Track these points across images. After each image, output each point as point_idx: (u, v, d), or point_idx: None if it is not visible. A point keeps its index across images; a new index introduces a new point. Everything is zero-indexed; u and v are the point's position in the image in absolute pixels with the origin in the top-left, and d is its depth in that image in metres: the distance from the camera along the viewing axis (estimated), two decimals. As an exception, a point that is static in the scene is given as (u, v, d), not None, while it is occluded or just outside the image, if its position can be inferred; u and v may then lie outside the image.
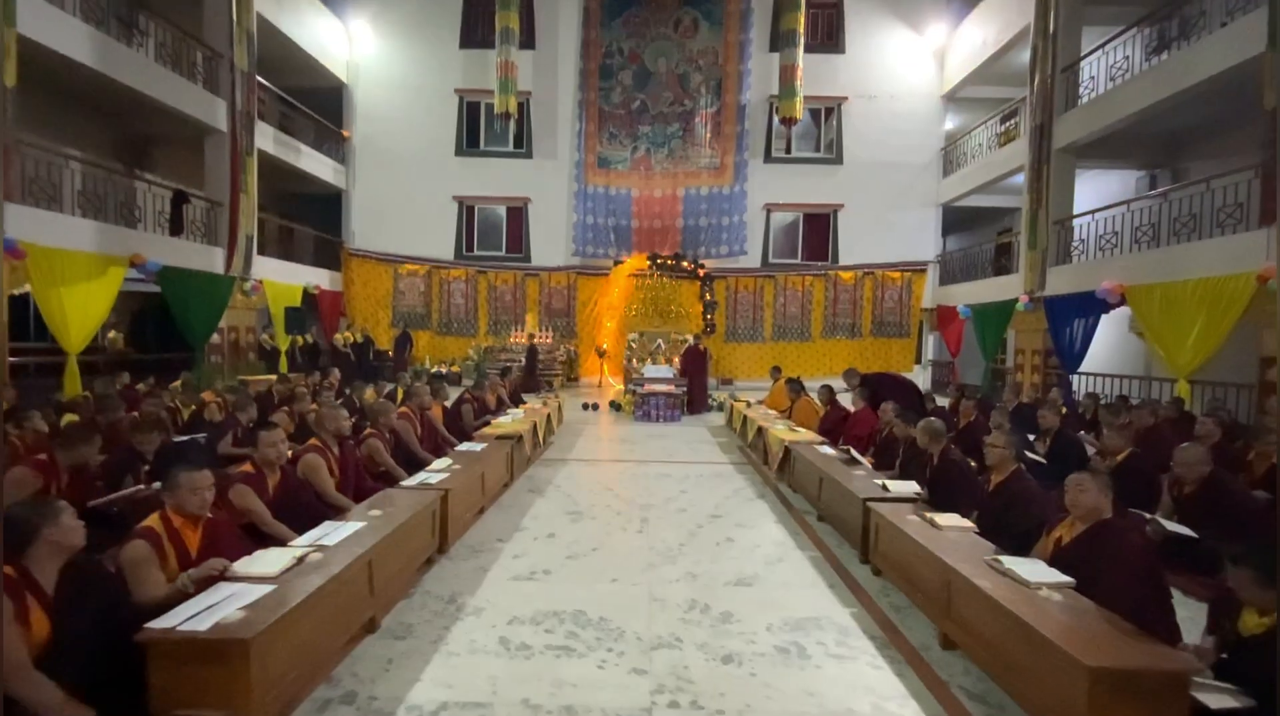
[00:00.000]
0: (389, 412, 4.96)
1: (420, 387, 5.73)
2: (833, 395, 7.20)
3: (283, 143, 13.52)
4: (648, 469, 6.98)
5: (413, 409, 5.69)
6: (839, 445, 6.31)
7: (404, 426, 5.46)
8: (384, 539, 3.34)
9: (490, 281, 15.61)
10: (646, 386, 10.82)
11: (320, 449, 4.07)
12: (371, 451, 4.77)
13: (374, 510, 3.71)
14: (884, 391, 6.74)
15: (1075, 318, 10.79)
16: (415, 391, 5.70)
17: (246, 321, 12.49)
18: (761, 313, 15.48)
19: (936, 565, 3.23)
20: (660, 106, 15.22)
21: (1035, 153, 11.79)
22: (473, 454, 5.54)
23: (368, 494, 4.22)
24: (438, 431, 6.05)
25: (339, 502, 3.95)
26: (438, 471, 4.78)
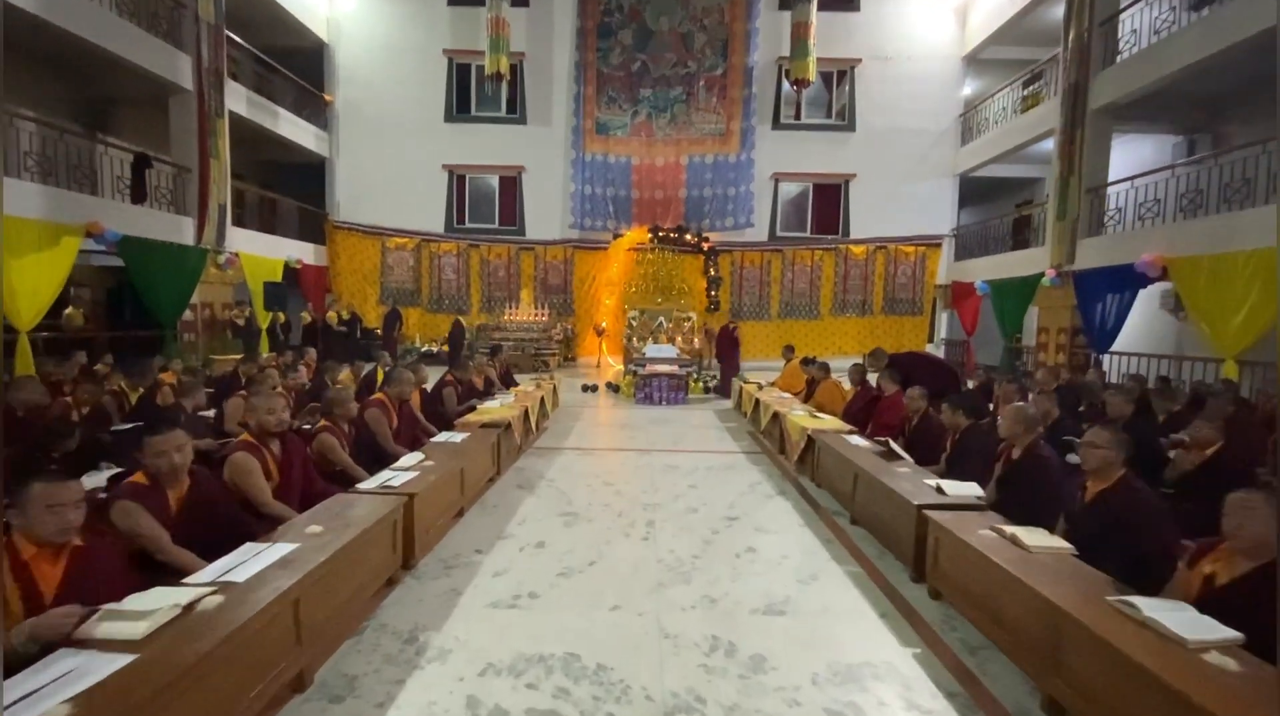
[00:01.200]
0: (347, 403, 4.15)
1: (403, 374, 4.90)
2: (864, 375, 6.40)
3: (257, 105, 12.50)
4: (652, 459, 6.21)
5: (390, 398, 4.87)
6: (869, 434, 5.54)
7: (376, 417, 4.65)
8: (320, 566, 2.56)
9: (483, 255, 14.70)
10: (648, 367, 10.02)
11: (253, 446, 3.27)
12: (324, 448, 3.97)
13: (314, 526, 2.92)
14: (916, 374, 5.93)
15: (1108, 293, 9.97)
16: (397, 378, 4.88)
17: (222, 297, 11.62)
18: (768, 289, 14.61)
19: (1034, 603, 2.46)
20: (662, 68, 14.17)
21: (1068, 114, 10.82)
22: (451, 446, 4.75)
23: (319, 499, 3.44)
24: (417, 422, 5.25)
25: (275, 513, 3.17)
26: (405, 469, 3.99)
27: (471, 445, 4.86)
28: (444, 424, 5.64)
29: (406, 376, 4.90)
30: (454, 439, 4.96)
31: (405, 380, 4.87)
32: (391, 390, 4.85)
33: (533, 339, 13.55)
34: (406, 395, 4.88)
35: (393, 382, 4.88)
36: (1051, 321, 11.33)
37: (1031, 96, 13.44)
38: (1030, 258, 11.93)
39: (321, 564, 2.58)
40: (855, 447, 4.89)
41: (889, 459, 4.53)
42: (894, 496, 3.79)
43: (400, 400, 4.88)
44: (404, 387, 4.85)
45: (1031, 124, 12.26)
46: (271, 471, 3.31)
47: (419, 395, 5.69)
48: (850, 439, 5.18)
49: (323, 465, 3.99)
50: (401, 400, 4.89)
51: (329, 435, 4.00)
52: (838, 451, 4.84)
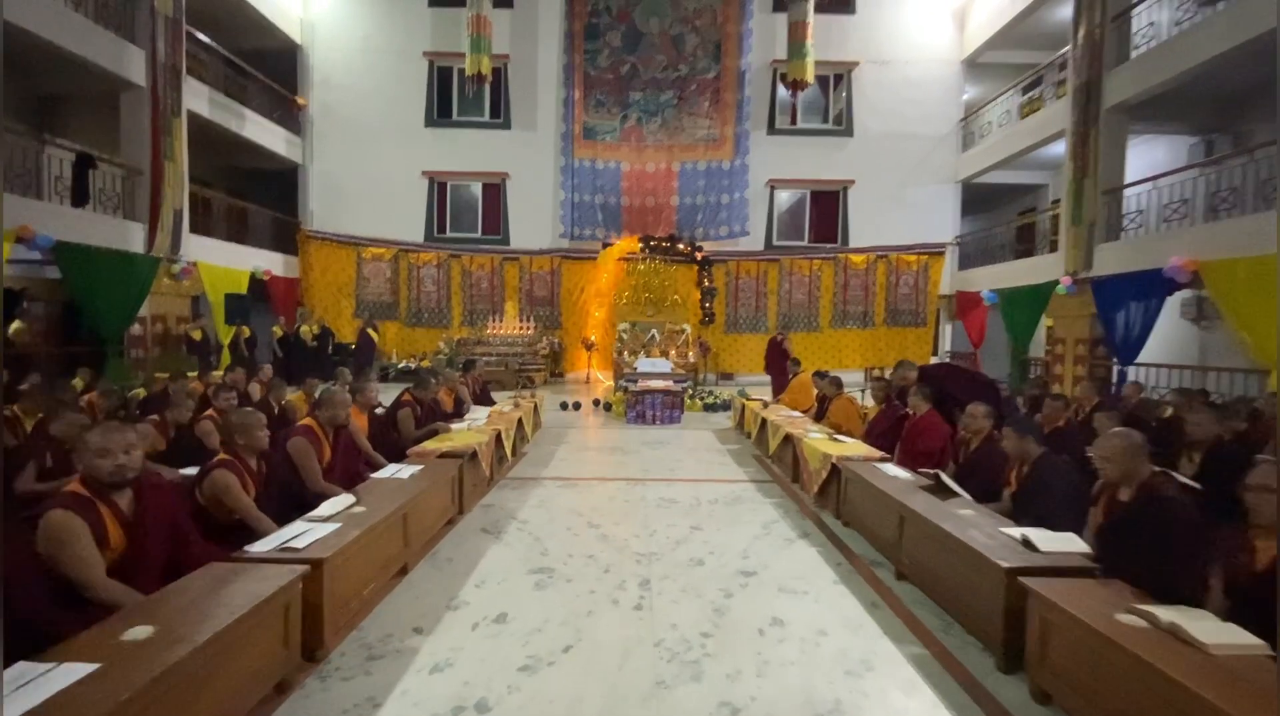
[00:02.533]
0: (252, 430, 3.14)
1: (335, 395, 3.88)
2: (890, 392, 5.48)
3: (221, 106, 11.55)
4: (645, 491, 5.22)
5: (321, 424, 3.87)
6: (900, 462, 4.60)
7: (301, 448, 3.65)
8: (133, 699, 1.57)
9: (465, 266, 13.74)
10: (640, 383, 9.07)
11: (80, 501, 2.26)
12: (219, 490, 2.96)
13: (137, 629, 1.91)
14: (950, 390, 5.02)
15: (1132, 301, 9.17)
16: (329, 398, 3.87)
17: (177, 310, 10.56)
18: (765, 300, 13.75)
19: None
20: (653, 71, 13.40)
21: (1080, 114, 10.12)
22: (394, 484, 3.75)
23: (196, 565, 2.44)
24: (359, 453, 4.24)
25: (104, 599, 2.16)
26: (322, 520, 2.99)
27: (422, 482, 3.86)
28: (398, 452, 4.63)
29: (340, 397, 3.89)
30: (401, 474, 3.96)
31: (338, 402, 3.86)
32: (323, 413, 3.85)
33: (517, 353, 12.57)
34: (341, 419, 3.87)
35: (324, 404, 3.87)
36: (1067, 332, 10.51)
37: (1031, 102, 12.82)
38: (1042, 265, 11.16)
39: (138, 694, 1.58)
40: (895, 481, 3.94)
41: (942, 496, 3.59)
42: (966, 552, 2.83)
43: (334, 426, 3.87)
44: (337, 411, 3.84)
45: (1038, 126, 11.57)
46: (110, 535, 2.30)
47: (367, 419, 4.69)
48: (885, 469, 4.23)
49: (218, 512, 2.99)
50: (336, 425, 3.88)
51: (226, 473, 2.99)
52: (874, 486, 3.89)
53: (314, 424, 3.80)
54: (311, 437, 3.71)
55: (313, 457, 3.65)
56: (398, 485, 3.73)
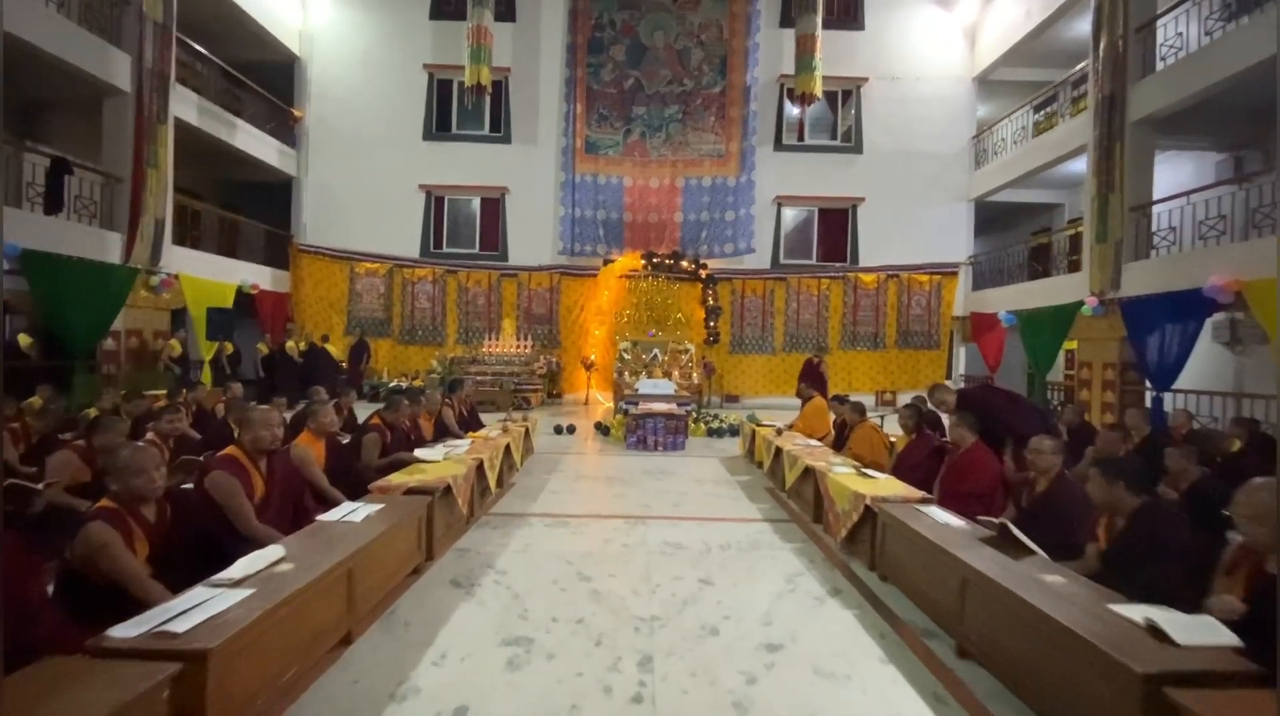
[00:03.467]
0: (146, 468, 2.46)
1: (261, 415, 3.20)
2: (921, 419, 4.78)
3: (211, 114, 11.08)
4: (646, 533, 4.50)
5: (247, 453, 3.18)
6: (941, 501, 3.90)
7: (224, 485, 2.96)
8: None
9: (461, 282, 13.16)
10: (641, 405, 8.38)
11: None
12: (92, 552, 2.26)
13: None
14: (995, 417, 4.33)
15: (1166, 322, 8.51)
16: (253, 419, 3.18)
17: (155, 324, 9.93)
18: (771, 320, 13.11)
19: None
20: (657, 85, 12.97)
21: (1103, 128, 9.57)
22: (342, 530, 3.05)
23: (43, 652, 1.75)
24: (302, 488, 3.53)
25: None
26: (230, 585, 2.29)
27: (378, 524, 3.16)
28: (357, 486, 3.93)
29: (264, 416, 3.18)
30: (355, 515, 3.25)
31: (262, 421, 3.15)
32: (247, 436, 3.15)
33: (513, 373, 11.90)
34: (267, 442, 3.16)
35: (246, 425, 3.18)
36: (1094, 355, 9.83)
37: (1047, 118, 12.34)
38: (1064, 285, 10.53)
39: None
40: (947, 530, 3.23)
41: (1012, 552, 2.88)
42: (1069, 640, 2.12)
43: (262, 451, 3.18)
44: (260, 432, 3.13)
45: (1057, 142, 11.04)
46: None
47: (325, 447, 4.00)
48: (931, 514, 3.52)
49: (96, 578, 2.29)
50: (265, 451, 3.19)
51: (103, 527, 2.29)
52: (922, 536, 3.18)
53: (238, 452, 3.11)
54: (235, 469, 3.02)
55: (239, 495, 2.95)
56: (346, 531, 3.03)
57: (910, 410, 4.79)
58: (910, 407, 4.83)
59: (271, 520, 3.11)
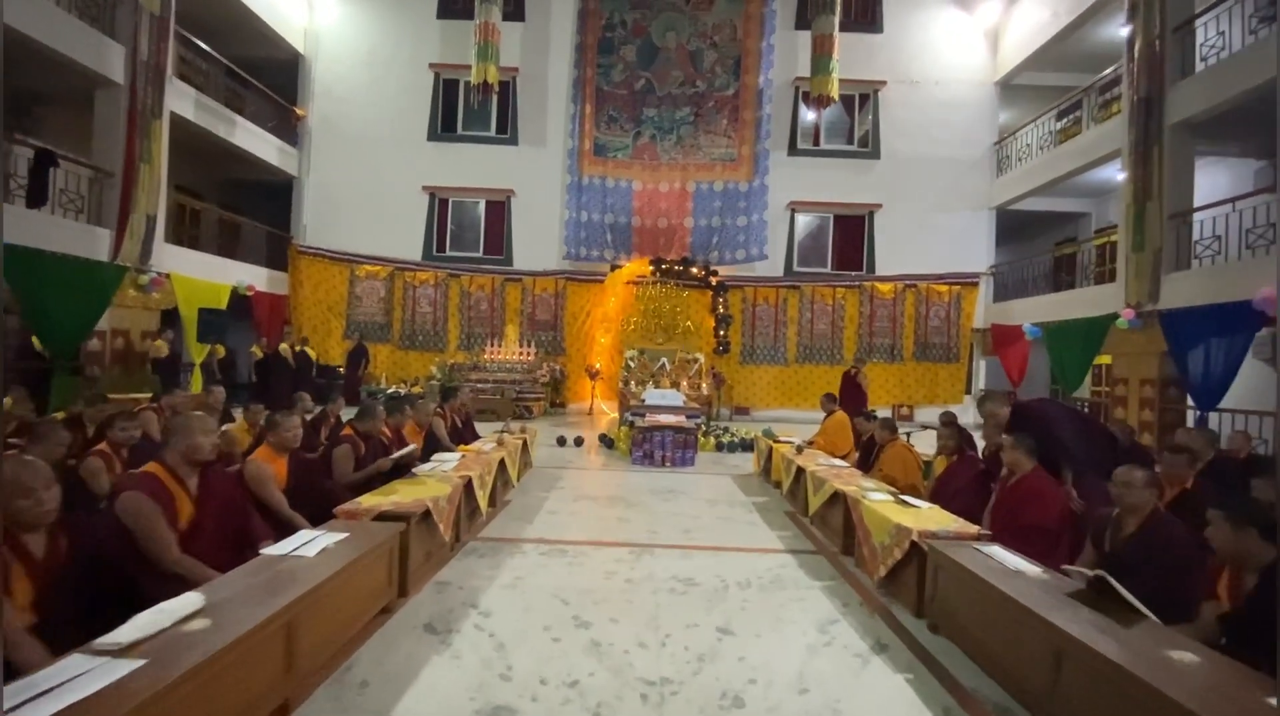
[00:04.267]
0: (32, 488, 1.93)
1: (189, 422, 2.67)
2: (961, 438, 4.20)
3: (209, 110, 10.69)
4: (654, 565, 3.94)
5: (172, 470, 2.62)
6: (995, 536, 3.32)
7: (135, 511, 2.40)
8: None
9: (464, 287, 12.68)
10: (649, 417, 7.82)
11: None
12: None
13: None
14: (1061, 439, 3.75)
15: (1212, 337, 7.90)
16: (179, 426, 2.65)
17: (144, 324, 9.48)
18: (784, 330, 12.55)
19: None
20: (668, 87, 12.52)
21: (1139, 132, 9.03)
22: (289, 568, 2.50)
23: None
24: (246, 513, 2.97)
25: None
26: (115, 652, 1.75)
27: (335, 560, 2.61)
28: (324, 507, 3.39)
29: (195, 424, 2.63)
30: (309, 547, 2.71)
31: (192, 430, 2.61)
32: (178, 447, 2.61)
33: (515, 381, 11.38)
34: (202, 455, 2.62)
35: (179, 434, 2.65)
36: (1130, 371, 9.21)
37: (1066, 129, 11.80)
38: (1095, 296, 9.94)
39: None
40: (1024, 581, 2.64)
41: (1114, 612, 2.29)
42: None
43: (194, 464, 2.64)
44: (195, 442, 2.61)
45: (1088, 146, 10.47)
46: None
47: (286, 465, 3.45)
48: (997, 556, 2.93)
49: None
50: (195, 466, 2.65)
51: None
52: (992, 588, 2.59)
53: (160, 469, 2.57)
54: (153, 489, 2.47)
55: (157, 521, 2.41)
56: (295, 568, 2.48)
57: (950, 428, 4.21)
58: (950, 425, 4.25)
59: (204, 552, 2.56)
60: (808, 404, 12.37)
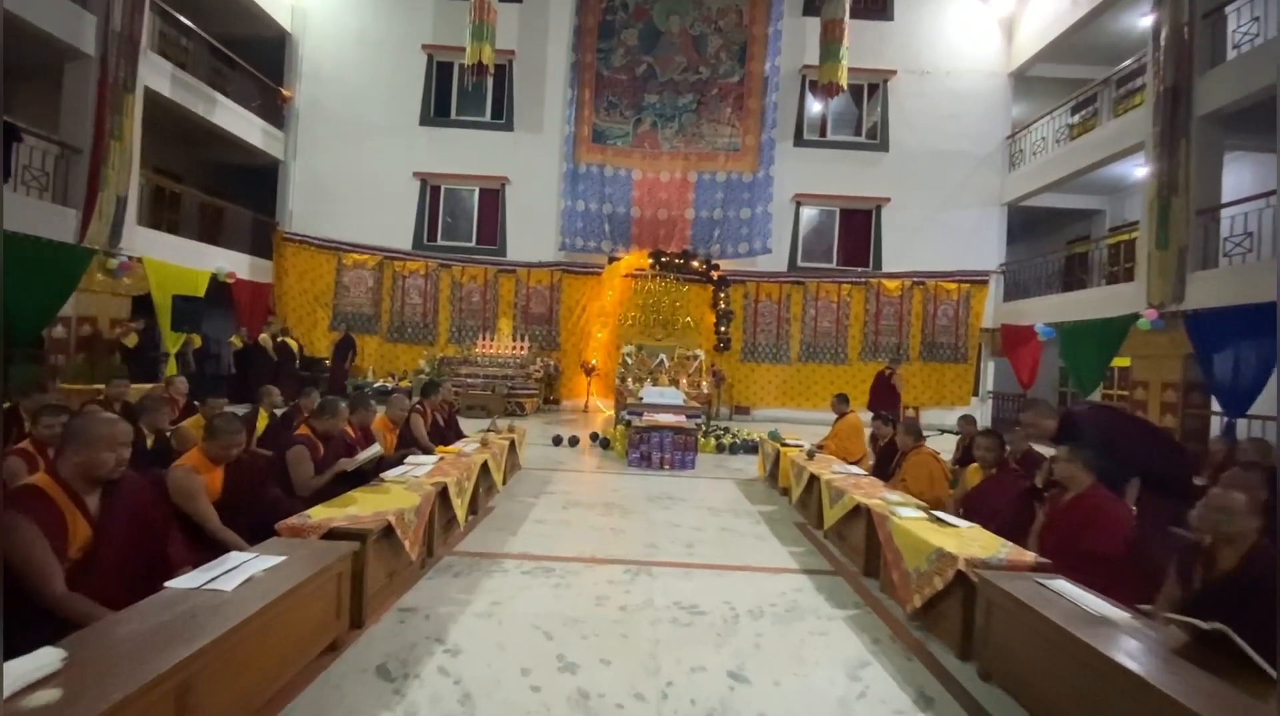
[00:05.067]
0: None
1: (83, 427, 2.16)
2: (1003, 448, 3.70)
3: (187, 87, 10.10)
4: (653, 587, 3.43)
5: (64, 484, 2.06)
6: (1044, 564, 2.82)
7: (18, 535, 1.88)
8: None
9: (455, 278, 12.14)
10: (646, 416, 7.31)
11: None
12: None
13: None
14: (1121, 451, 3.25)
15: (1241, 339, 7.43)
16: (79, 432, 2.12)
17: (113, 310, 8.92)
18: (787, 327, 12.05)
19: None
20: (671, 73, 11.98)
21: (1165, 123, 8.54)
22: (194, 605, 1.97)
23: None
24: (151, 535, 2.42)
25: None
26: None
27: (261, 594, 2.09)
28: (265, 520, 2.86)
29: (111, 431, 2.13)
30: (236, 575, 2.18)
31: (103, 439, 2.10)
32: (73, 458, 2.09)
33: (507, 376, 10.85)
34: (99, 471, 2.11)
35: (73, 440, 2.12)
36: (1151, 374, 8.74)
37: (1084, 121, 11.32)
38: (1114, 295, 9.47)
39: None
40: (1113, 631, 2.14)
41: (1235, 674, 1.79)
42: None
43: (91, 480, 2.12)
44: (93, 456, 2.09)
45: (1108, 140, 9.97)
46: None
47: (222, 474, 2.92)
48: (1070, 594, 2.43)
49: None
50: (95, 480, 2.13)
51: None
52: (1070, 638, 2.09)
53: (49, 483, 2.04)
54: (38, 507, 1.95)
55: (35, 548, 1.89)
56: (206, 606, 1.96)
57: (993, 439, 3.69)
58: (992, 434, 3.73)
59: (104, 585, 2.05)
60: (810, 404, 11.91)
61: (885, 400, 9.08)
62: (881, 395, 9.28)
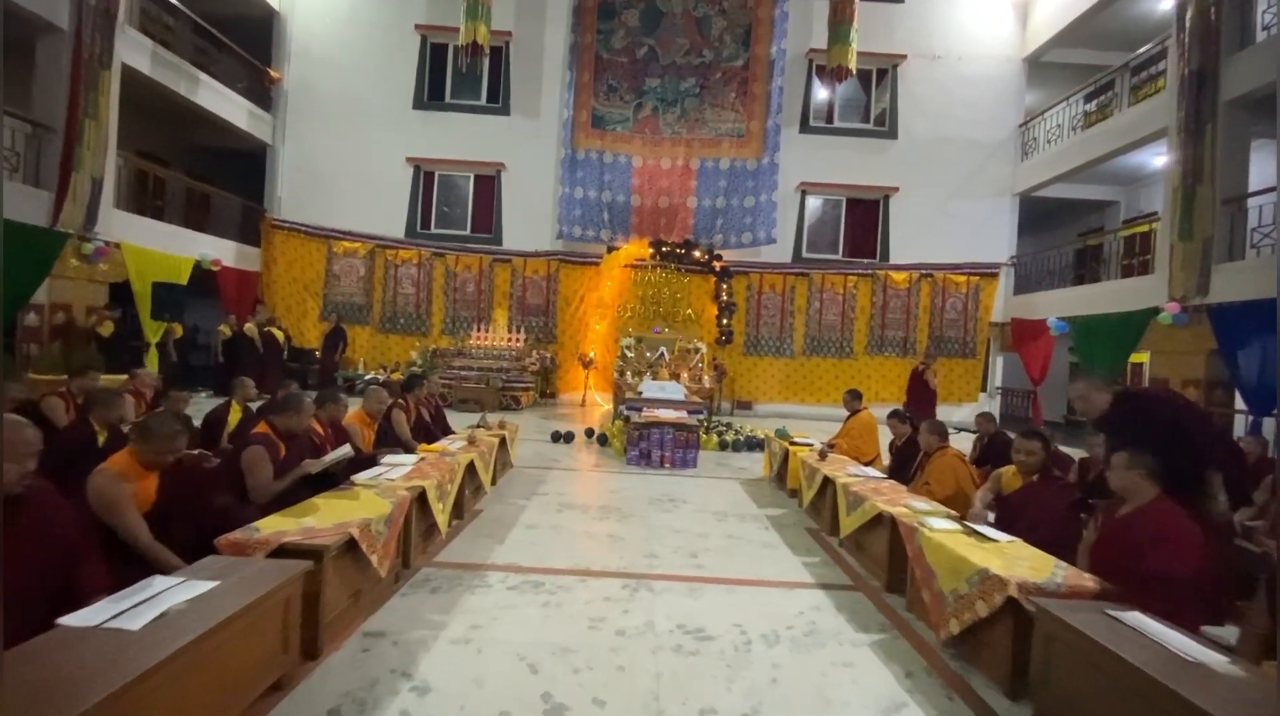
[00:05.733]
0: None
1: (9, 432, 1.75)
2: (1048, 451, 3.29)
3: (168, 65, 9.63)
4: (654, 606, 3.04)
5: None
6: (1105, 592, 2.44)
7: None
8: None
9: (449, 267, 11.71)
10: (646, 412, 6.92)
11: None
12: None
13: None
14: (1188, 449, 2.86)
15: (1268, 334, 7.05)
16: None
17: (89, 298, 8.50)
18: (791, 320, 11.65)
19: None
20: (673, 55, 11.50)
21: (1190, 108, 8.13)
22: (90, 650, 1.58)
23: None
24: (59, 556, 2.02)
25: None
26: None
27: (171, 636, 1.70)
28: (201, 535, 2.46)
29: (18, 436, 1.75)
30: (128, 619, 1.78)
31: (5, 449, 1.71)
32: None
33: (502, 369, 10.44)
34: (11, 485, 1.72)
35: None
36: (1172, 371, 8.36)
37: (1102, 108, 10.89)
38: (1132, 289, 9.08)
39: None
40: (1214, 680, 1.76)
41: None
42: None
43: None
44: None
45: (1127, 127, 9.55)
46: None
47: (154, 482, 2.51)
48: (1152, 630, 2.04)
49: None
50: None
51: None
52: (1166, 691, 1.71)
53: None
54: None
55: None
56: (94, 656, 1.56)
57: (1037, 441, 3.28)
58: (1035, 436, 3.33)
59: None
60: (813, 399, 11.54)
61: (920, 400, 8.70)
62: (918, 394, 8.89)
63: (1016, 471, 3.29)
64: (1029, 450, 3.22)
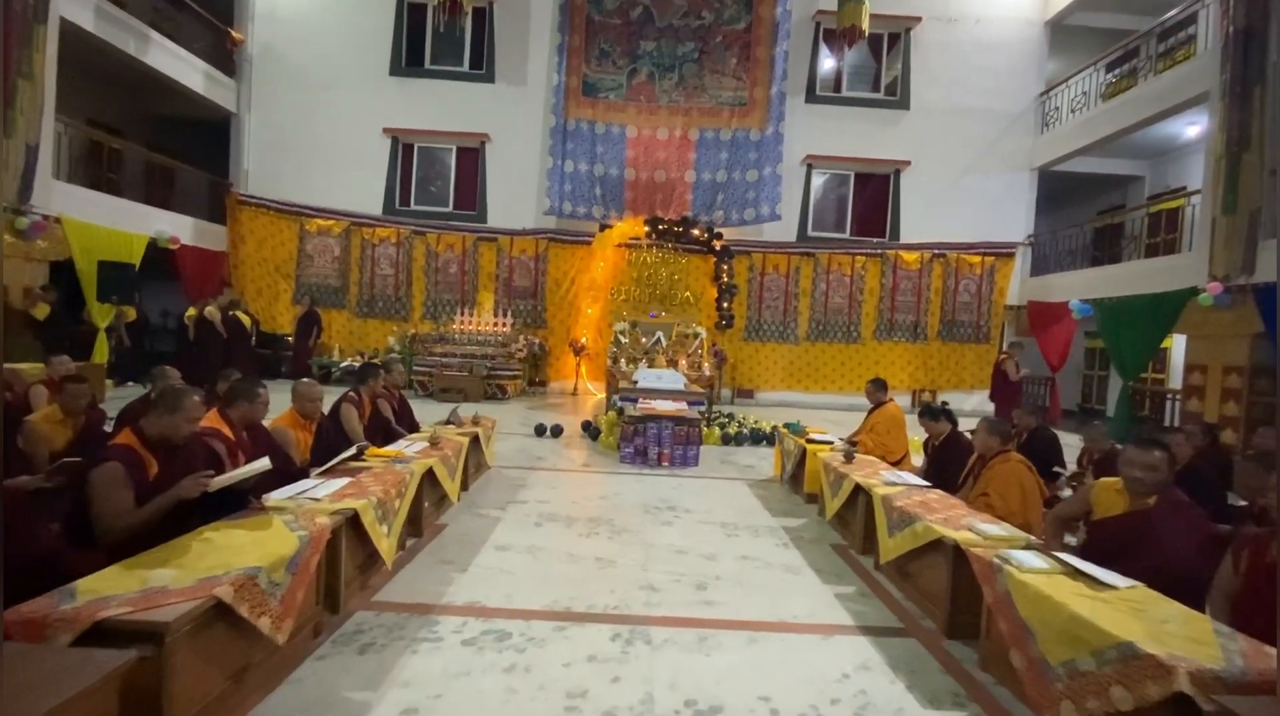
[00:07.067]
0: None
1: None
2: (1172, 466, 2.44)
3: (114, 21, 8.61)
4: (651, 671, 2.29)
5: None
6: None
7: None
8: None
9: (430, 246, 10.83)
10: (642, 403, 6.16)
11: None
12: None
13: None
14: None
15: (1326, 317, 6.32)
16: None
17: (25, 278, 7.62)
18: (795, 302, 10.86)
19: None
20: (670, 17, 10.56)
21: (1236, 70, 7.32)
22: None
23: None
24: None
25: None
26: None
27: None
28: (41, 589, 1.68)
29: None
30: None
31: None
32: None
33: (488, 356, 9.64)
34: None
35: None
36: (1212, 357, 7.64)
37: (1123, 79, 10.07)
38: (1166, 268, 8.33)
39: None
40: None
41: None
42: None
43: None
44: None
45: (1160, 92, 8.72)
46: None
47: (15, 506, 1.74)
48: None
49: None
50: None
51: None
52: None
53: None
54: None
55: None
56: None
57: (1159, 451, 2.43)
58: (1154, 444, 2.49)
59: None
60: (818, 387, 10.81)
61: (1003, 395, 7.99)
62: (999, 388, 8.18)
63: (1121, 488, 2.53)
64: (1148, 464, 2.40)
